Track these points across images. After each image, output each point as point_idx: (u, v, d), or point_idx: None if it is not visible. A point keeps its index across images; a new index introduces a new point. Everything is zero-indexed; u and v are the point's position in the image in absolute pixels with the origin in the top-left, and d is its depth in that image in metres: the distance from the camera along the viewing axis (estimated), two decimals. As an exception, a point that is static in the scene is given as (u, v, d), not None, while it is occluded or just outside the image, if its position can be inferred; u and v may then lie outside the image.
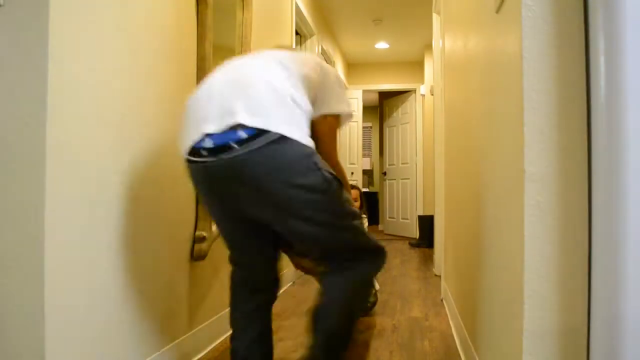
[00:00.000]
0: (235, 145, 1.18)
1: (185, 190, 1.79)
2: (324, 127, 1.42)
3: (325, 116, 1.41)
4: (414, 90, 6.41)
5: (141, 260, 1.51)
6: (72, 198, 1.20)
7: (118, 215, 1.39)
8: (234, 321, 1.52)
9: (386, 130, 7.02)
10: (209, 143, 1.21)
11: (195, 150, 1.24)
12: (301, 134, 1.24)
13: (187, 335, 1.80)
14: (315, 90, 1.39)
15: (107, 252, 1.34)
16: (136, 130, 1.48)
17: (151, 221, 1.56)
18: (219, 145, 1.20)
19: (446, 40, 2.86)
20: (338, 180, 1.31)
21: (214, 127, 1.21)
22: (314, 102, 1.37)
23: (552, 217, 0.94)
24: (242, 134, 1.18)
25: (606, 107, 0.85)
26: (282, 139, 1.19)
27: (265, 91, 1.23)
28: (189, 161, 1.29)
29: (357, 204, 3.14)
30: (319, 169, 1.26)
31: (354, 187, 3.21)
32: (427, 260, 4.50)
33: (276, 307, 2.74)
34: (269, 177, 1.21)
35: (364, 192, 3.33)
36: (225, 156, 1.20)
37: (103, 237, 1.32)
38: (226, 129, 1.19)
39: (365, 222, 3.39)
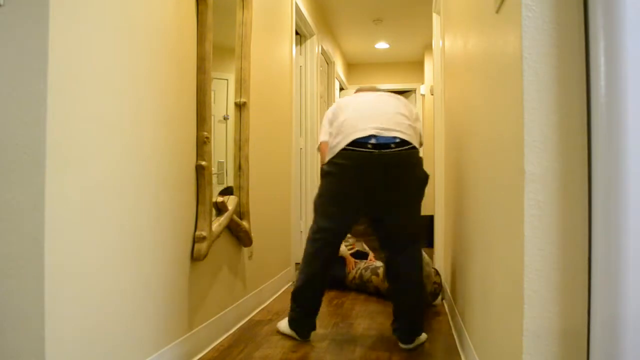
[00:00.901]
0: (393, 145, 1.89)
1: (185, 189, 1.80)
2: None
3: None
4: (414, 90, 6.41)
5: (141, 260, 1.51)
6: (72, 198, 1.20)
7: (118, 215, 1.39)
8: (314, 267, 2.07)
9: (386, 130, 7.01)
10: (374, 140, 1.89)
11: (359, 144, 1.89)
12: (419, 149, 2.00)
13: (187, 335, 1.80)
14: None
15: (107, 252, 1.34)
16: (136, 130, 1.48)
17: (151, 221, 1.56)
18: (382, 143, 1.89)
19: (446, 40, 2.86)
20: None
21: (377, 133, 1.89)
22: None
23: (552, 217, 0.94)
24: (397, 140, 1.89)
25: (606, 107, 0.85)
26: (415, 148, 1.94)
27: (404, 122, 1.96)
28: (350, 150, 1.89)
29: None
30: (423, 169, 2.01)
31: None
32: (427, 260, 4.50)
33: (276, 306, 2.75)
34: (410, 169, 1.92)
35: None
36: (385, 151, 1.88)
37: (103, 237, 1.32)
38: (387, 136, 1.89)
39: None
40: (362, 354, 1.93)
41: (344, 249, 3.27)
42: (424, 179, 1.99)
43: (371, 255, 3.39)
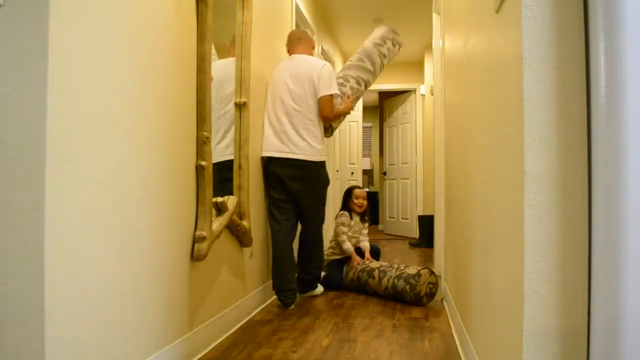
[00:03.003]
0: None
1: (185, 189, 1.80)
2: (322, 103, 2.76)
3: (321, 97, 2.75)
4: (414, 90, 6.41)
5: (141, 260, 1.51)
6: (72, 198, 1.20)
7: (118, 215, 1.39)
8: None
9: (386, 130, 7.03)
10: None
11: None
12: (320, 156, 2.78)
13: (187, 335, 1.80)
14: (315, 94, 2.75)
15: (107, 252, 1.34)
16: (136, 130, 1.48)
17: (151, 221, 1.56)
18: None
19: (446, 40, 2.86)
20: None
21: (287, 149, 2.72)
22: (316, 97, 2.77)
23: (552, 217, 0.94)
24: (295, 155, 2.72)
25: (606, 107, 0.85)
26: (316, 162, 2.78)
27: (301, 139, 2.71)
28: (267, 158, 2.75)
29: (366, 202, 3.50)
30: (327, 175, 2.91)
31: (358, 187, 3.55)
32: (427, 260, 4.50)
33: (276, 306, 2.74)
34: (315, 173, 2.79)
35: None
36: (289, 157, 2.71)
37: (103, 237, 1.32)
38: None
39: (365, 230, 3.47)
40: (362, 354, 1.93)
41: (349, 246, 3.29)
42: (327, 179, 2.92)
43: (367, 254, 3.38)
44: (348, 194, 3.49)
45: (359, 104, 6.33)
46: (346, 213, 3.40)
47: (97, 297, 1.29)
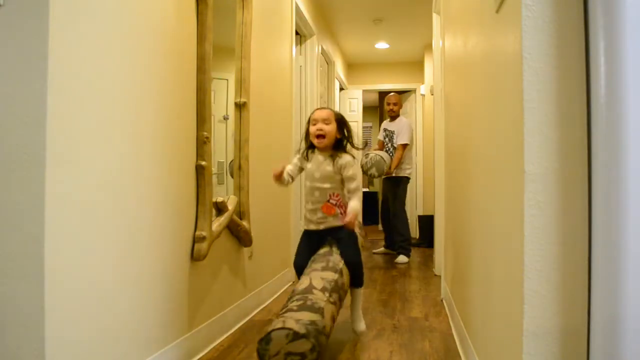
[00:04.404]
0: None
1: (185, 189, 1.80)
2: None
3: None
4: (414, 90, 6.40)
5: (141, 260, 1.51)
6: (72, 198, 1.20)
7: (118, 215, 1.39)
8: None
9: (386, 130, 7.01)
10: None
11: None
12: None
13: (187, 335, 1.80)
14: None
15: (107, 252, 1.34)
16: (136, 130, 1.48)
17: (150, 221, 1.56)
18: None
19: (446, 40, 2.86)
20: None
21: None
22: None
23: (552, 217, 0.94)
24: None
25: (606, 107, 0.85)
26: None
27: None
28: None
29: (331, 127, 2.10)
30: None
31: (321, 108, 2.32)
32: (427, 260, 4.50)
33: (276, 307, 2.74)
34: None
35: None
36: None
37: (103, 237, 1.32)
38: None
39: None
40: (362, 354, 1.93)
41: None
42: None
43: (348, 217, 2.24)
44: (308, 122, 2.19)
45: (359, 104, 6.33)
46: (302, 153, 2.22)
47: (97, 297, 1.29)
